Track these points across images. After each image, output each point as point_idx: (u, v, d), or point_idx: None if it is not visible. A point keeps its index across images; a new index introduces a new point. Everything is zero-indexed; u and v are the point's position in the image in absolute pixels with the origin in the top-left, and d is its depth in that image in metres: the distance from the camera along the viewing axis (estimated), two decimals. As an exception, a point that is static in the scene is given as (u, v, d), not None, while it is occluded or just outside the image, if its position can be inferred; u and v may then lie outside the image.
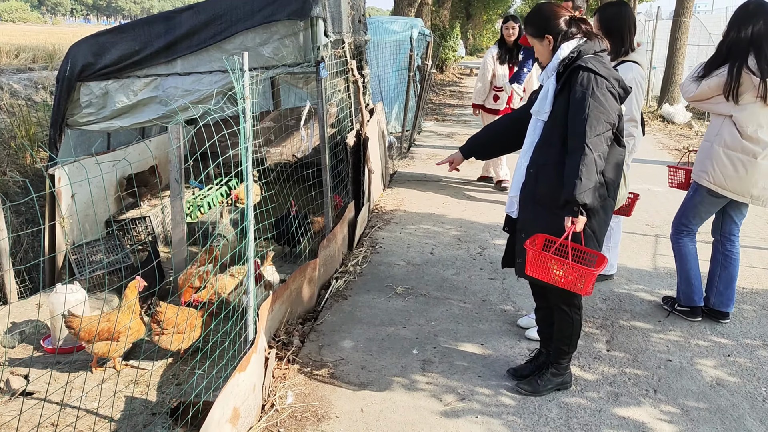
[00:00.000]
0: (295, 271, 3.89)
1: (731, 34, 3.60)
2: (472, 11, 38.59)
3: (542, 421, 2.96)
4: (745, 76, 3.52)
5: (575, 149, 2.67)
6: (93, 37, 4.44)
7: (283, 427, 2.88)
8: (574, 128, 2.69)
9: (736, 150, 3.64)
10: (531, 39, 2.95)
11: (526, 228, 2.91)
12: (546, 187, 2.82)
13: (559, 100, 2.79)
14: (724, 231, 3.95)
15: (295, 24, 4.29)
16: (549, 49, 2.89)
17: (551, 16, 2.87)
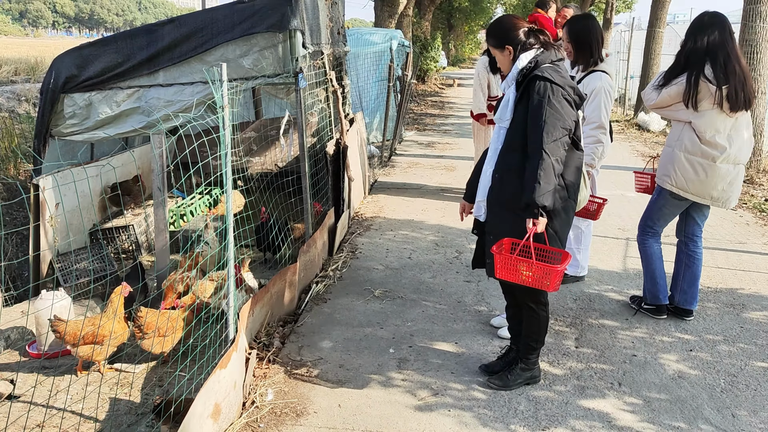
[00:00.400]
0: (276, 275, 4.02)
1: (688, 44, 3.79)
2: (454, 22, 39.04)
3: (512, 413, 3.10)
4: (703, 84, 3.70)
5: (534, 154, 2.83)
6: (76, 50, 4.55)
7: (263, 423, 3.00)
8: (533, 135, 2.85)
9: (696, 154, 3.82)
10: (493, 50, 3.11)
11: (495, 230, 3.05)
12: (510, 191, 2.95)
13: (519, 108, 2.94)
14: (687, 232, 4.13)
15: (274, 36, 4.43)
16: (509, 59, 3.04)
17: (511, 28, 3.03)
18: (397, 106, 10.12)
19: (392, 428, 2.97)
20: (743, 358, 3.67)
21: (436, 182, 8.07)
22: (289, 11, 4.37)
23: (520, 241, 2.88)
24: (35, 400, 3.34)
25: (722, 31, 3.70)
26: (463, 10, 36.53)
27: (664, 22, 13.67)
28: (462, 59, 46.19)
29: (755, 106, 8.06)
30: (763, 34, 7.93)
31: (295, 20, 4.39)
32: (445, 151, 10.44)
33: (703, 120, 3.77)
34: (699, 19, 3.79)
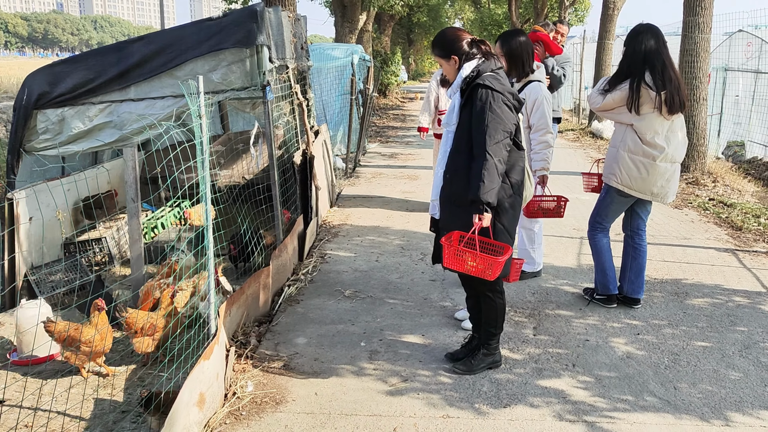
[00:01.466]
0: (250, 277, 4.21)
1: (628, 52, 4.14)
2: (413, 37, 39.66)
3: (476, 394, 3.36)
4: (644, 90, 4.04)
5: (478, 156, 3.10)
6: (48, 68, 4.70)
7: (245, 411, 3.19)
8: (477, 138, 3.12)
9: (638, 154, 4.15)
10: (438, 59, 3.37)
11: (447, 226, 3.31)
12: (459, 189, 3.21)
13: (463, 113, 3.22)
14: (632, 227, 4.46)
15: (241, 51, 4.65)
16: (455, 68, 3.30)
17: (455, 39, 3.30)
18: (360, 118, 10.40)
19: (366, 411, 3.20)
20: (685, 339, 4.00)
21: (400, 191, 8.35)
22: (255, 27, 4.60)
23: (467, 234, 3.12)
24: (21, 403, 3.47)
25: (657, 40, 4.05)
26: (422, 26, 37.17)
27: (613, 34, 14.28)
28: (422, 74, 46.86)
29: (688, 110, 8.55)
30: (701, 44, 8.44)
31: (261, 36, 4.62)
32: (407, 161, 10.74)
33: (644, 123, 4.10)
34: (635, 30, 4.14)
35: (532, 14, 28.17)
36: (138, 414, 3.33)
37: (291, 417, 3.15)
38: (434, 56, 3.42)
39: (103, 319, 3.74)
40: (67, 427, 3.22)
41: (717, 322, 4.25)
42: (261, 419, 3.13)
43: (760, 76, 11.92)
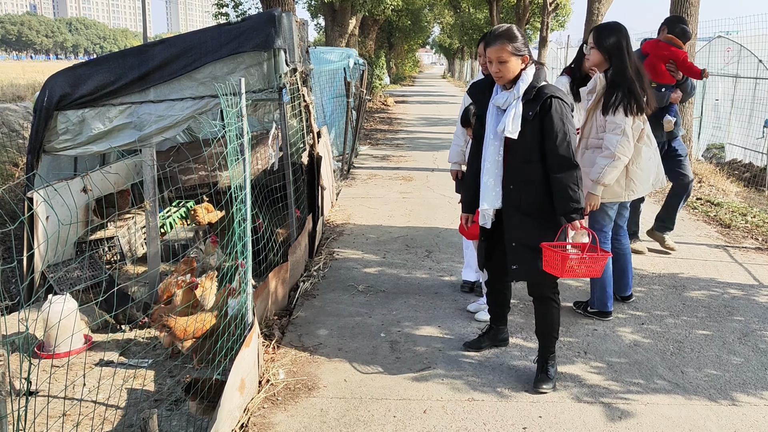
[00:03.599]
0: (270, 273, 4.37)
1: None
2: (394, 41, 39.90)
3: (497, 379, 3.55)
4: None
5: (565, 166, 3.14)
6: (70, 70, 4.82)
7: (280, 396, 3.35)
8: (560, 149, 3.13)
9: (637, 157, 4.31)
10: (505, 54, 3.10)
11: (519, 236, 3.29)
12: (533, 200, 3.23)
13: (533, 122, 3.14)
14: (613, 231, 4.52)
15: (259, 55, 4.81)
16: (518, 69, 3.16)
17: (524, 38, 3.18)
18: (354, 121, 10.57)
19: (395, 395, 3.38)
20: (687, 328, 4.24)
21: (397, 191, 8.54)
22: (273, 32, 4.77)
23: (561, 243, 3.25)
24: (56, 394, 3.59)
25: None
26: (403, 30, 37.47)
27: (597, 39, 14.60)
28: (403, 77, 47.18)
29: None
30: (688, 49, 8.74)
31: (278, 40, 4.79)
32: (400, 163, 10.94)
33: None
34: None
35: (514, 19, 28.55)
36: (172, 402, 3.47)
37: (325, 401, 3.32)
38: (498, 50, 3.12)
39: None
40: (103, 415, 3.35)
41: (715, 312, 4.50)
42: (297, 404, 3.30)
43: (738, 80, 12.34)
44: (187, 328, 3.66)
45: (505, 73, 3.15)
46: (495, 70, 3.17)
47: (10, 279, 5.59)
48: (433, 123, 17.65)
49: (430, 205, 7.70)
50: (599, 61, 4.04)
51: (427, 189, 8.69)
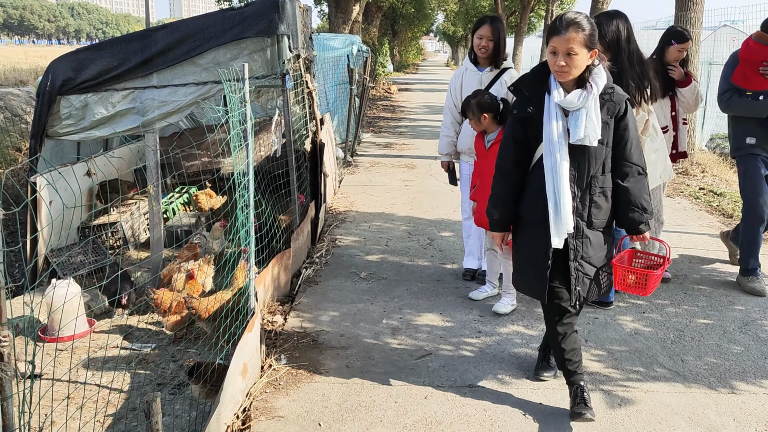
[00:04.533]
0: (273, 258, 4.38)
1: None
2: (398, 28, 39.78)
3: (498, 366, 3.57)
4: None
5: (641, 174, 2.90)
6: (73, 54, 4.81)
7: (282, 381, 3.38)
8: (636, 157, 2.88)
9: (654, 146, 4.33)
10: (579, 46, 2.68)
11: (590, 254, 2.93)
12: (603, 214, 2.92)
13: (608, 126, 2.83)
14: None
15: (262, 40, 4.80)
16: (586, 64, 2.75)
17: (595, 30, 2.76)
18: (357, 109, 10.55)
19: (396, 381, 3.40)
20: (688, 317, 4.25)
21: (400, 179, 8.54)
22: (277, 17, 4.75)
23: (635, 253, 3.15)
24: (59, 377, 3.62)
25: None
26: (406, 17, 37.33)
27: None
28: (406, 65, 47.02)
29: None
30: (692, 38, 8.70)
31: (282, 25, 4.77)
32: (403, 151, 10.93)
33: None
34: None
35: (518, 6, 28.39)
36: (175, 386, 3.50)
37: (327, 386, 3.34)
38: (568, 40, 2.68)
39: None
40: (107, 398, 3.38)
41: (716, 301, 4.51)
42: (299, 389, 3.32)
43: (744, 70, 12.25)
44: (209, 309, 3.70)
45: (572, 68, 2.71)
46: (560, 63, 2.70)
47: (13, 263, 5.62)
48: (436, 111, 17.60)
49: (433, 193, 7.71)
50: (600, 51, 4.02)
51: (430, 177, 8.69)
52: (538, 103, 2.85)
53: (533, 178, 2.95)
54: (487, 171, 4.07)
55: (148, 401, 2.43)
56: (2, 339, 1.50)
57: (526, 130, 2.93)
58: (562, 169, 2.80)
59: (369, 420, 3.05)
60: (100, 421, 3.11)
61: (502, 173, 3.07)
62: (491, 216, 3.14)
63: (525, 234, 3.05)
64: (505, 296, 4.31)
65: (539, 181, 2.87)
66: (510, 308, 4.27)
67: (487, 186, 4.05)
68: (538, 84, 2.87)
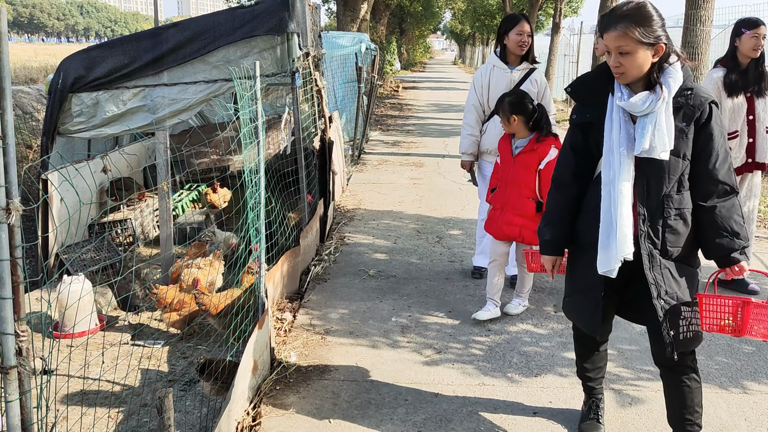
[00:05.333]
0: (282, 256, 4.39)
1: None
2: (405, 27, 39.73)
3: (507, 365, 3.57)
4: None
5: (730, 192, 2.41)
6: (84, 52, 4.83)
7: (292, 379, 3.39)
8: (724, 173, 2.40)
9: None
10: (633, 44, 2.28)
11: (674, 289, 2.45)
12: (679, 238, 2.44)
13: (684, 135, 2.38)
14: None
15: (272, 39, 4.80)
16: (650, 62, 2.34)
17: (659, 19, 2.32)
18: (365, 107, 10.56)
19: (406, 379, 3.40)
20: (698, 317, 4.23)
21: (408, 177, 8.54)
22: (287, 16, 4.76)
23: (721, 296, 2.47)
24: (70, 374, 3.64)
25: None
26: (414, 15, 37.27)
27: (611, 26, 14.47)
28: (413, 63, 46.99)
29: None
30: (703, 36, 8.68)
31: (292, 23, 4.78)
32: (411, 149, 10.93)
33: None
34: None
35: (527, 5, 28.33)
36: (186, 383, 3.52)
37: (336, 384, 3.35)
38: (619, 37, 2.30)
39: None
40: (118, 394, 3.39)
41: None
42: (308, 386, 3.33)
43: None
44: (219, 305, 3.71)
45: (629, 69, 2.33)
46: (614, 64, 2.34)
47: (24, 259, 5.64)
48: (444, 109, 17.60)
49: (441, 192, 7.70)
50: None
51: (438, 175, 8.69)
52: (600, 108, 2.49)
53: (591, 194, 2.59)
54: (510, 178, 4.02)
55: (160, 397, 2.44)
56: (21, 334, 1.51)
57: (586, 139, 2.58)
58: (621, 185, 2.40)
59: (379, 417, 3.06)
60: (112, 416, 3.13)
61: (557, 187, 2.71)
62: (542, 236, 2.78)
63: (579, 257, 2.68)
64: (516, 298, 4.29)
65: (597, 198, 2.51)
66: (522, 309, 4.26)
67: (510, 195, 4.01)
68: (601, 85, 2.50)
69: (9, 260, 1.58)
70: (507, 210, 4.01)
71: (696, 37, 8.63)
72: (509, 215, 4.00)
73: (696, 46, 8.64)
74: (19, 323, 1.54)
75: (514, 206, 3.99)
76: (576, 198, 2.65)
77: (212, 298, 3.76)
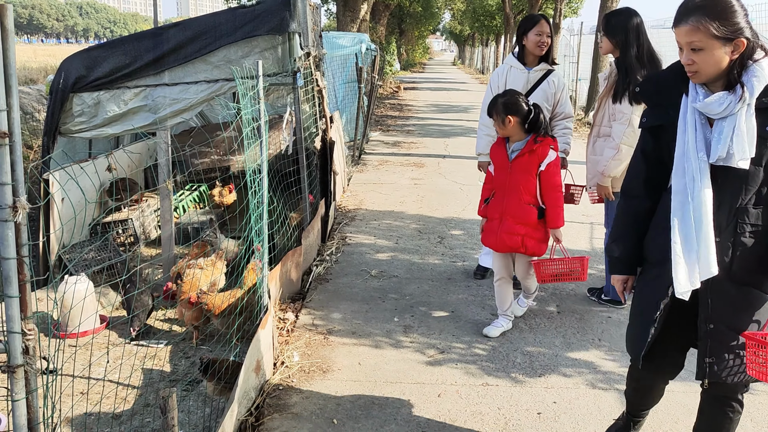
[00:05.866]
0: (284, 255, 4.38)
1: None
2: (405, 27, 39.73)
3: (511, 365, 3.56)
4: None
5: None
6: (85, 52, 4.83)
7: (295, 379, 3.38)
8: None
9: None
10: (707, 39, 2.02)
11: (725, 316, 2.20)
12: (751, 259, 2.16)
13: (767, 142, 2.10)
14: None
15: (273, 38, 4.80)
16: (728, 59, 2.06)
17: (739, 11, 2.03)
18: (366, 107, 10.55)
19: (409, 379, 3.39)
20: (701, 316, 4.22)
21: (409, 178, 8.53)
22: (288, 15, 4.75)
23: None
24: (74, 373, 3.63)
25: None
26: (414, 16, 37.26)
27: (611, 26, 14.48)
28: (413, 64, 46.99)
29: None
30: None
31: (293, 23, 4.78)
32: (411, 149, 10.92)
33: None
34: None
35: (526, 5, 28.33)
36: (188, 383, 3.51)
37: (339, 384, 3.34)
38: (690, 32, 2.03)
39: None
40: (121, 394, 3.39)
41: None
42: (311, 386, 3.32)
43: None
44: (222, 305, 3.70)
45: (703, 67, 2.07)
46: (687, 61, 2.10)
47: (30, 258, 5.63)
48: (443, 110, 17.59)
49: (442, 192, 7.70)
50: (610, 48, 4.02)
51: (439, 176, 8.68)
52: (673, 110, 2.22)
53: (662, 205, 2.34)
54: (509, 185, 3.75)
55: (164, 397, 2.43)
56: (28, 332, 1.51)
57: (658, 144, 2.32)
58: (703, 194, 2.11)
59: (383, 418, 3.05)
60: (115, 416, 3.12)
61: (627, 198, 2.44)
62: (611, 253, 2.51)
63: (643, 276, 2.43)
64: (522, 299, 4.13)
65: (668, 209, 2.22)
66: (525, 309, 4.14)
67: (509, 203, 3.72)
68: (674, 84, 2.24)
69: (15, 258, 1.57)
70: (507, 219, 3.74)
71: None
72: (510, 224, 3.72)
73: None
74: (26, 322, 1.53)
75: (515, 214, 3.72)
76: (648, 210, 2.39)
77: (215, 299, 3.75)
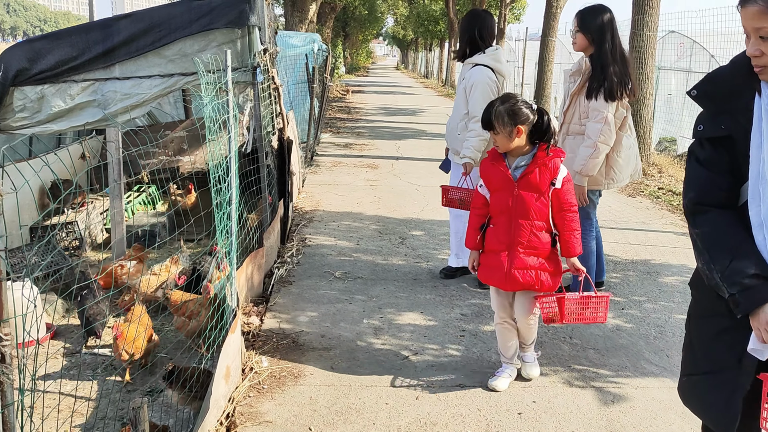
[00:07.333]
0: (246, 258, 4.20)
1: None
2: (349, 30, 39.67)
3: (486, 365, 3.49)
4: None
5: None
6: (27, 43, 4.52)
7: (266, 385, 3.21)
8: None
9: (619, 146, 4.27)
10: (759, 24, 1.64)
11: None
12: None
13: None
14: None
15: (232, 32, 4.61)
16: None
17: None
18: (318, 107, 10.39)
19: (385, 382, 3.28)
20: (666, 313, 4.27)
21: (364, 179, 8.42)
22: (248, 8, 4.57)
23: None
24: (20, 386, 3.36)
25: None
26: (358, 19, 37.23)
27: (556, 31, 14.77)
28: (357, 67, 46.92)
29: (638, 104, 9.02)
30: (649, 41, 8.90)
31: (253, 16, 4.60)
32: (363, 151, 10.81)
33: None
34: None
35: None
36: (147, 392, 3.29)
37: (313, 389, 3.19)
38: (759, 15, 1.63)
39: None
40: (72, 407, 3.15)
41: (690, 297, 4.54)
42: (284, 392, 3.16)
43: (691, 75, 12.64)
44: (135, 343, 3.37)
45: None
46: (753, 52, 1.70)
47: None
48: (392, 113, 17.58)
49: (399, 193, 7.61)
50: (585, 44, 4.02)
51: (394, 177, 8.60)
52: (742, 115, 1.78)
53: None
54: (515, 211, 3.03)
55: (134, 408, 2.24)
56: (4, 337, 1.32)
57: (720, 157, 1.85)
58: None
59: (361, 423, 2.92)
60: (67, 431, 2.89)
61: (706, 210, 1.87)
62: (739, 277, 1.75)
63: (704, 321, 2.00)
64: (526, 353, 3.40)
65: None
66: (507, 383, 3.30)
67: (519, 231, 3.03)
68: (741, 84, 1.80)
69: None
70: (516, 252, 3.04)
71: (642, 41, 8.84)
72: (522, 258, 3.03)
73: (643, 50, 8.85)
74: (2, 326, 1.34)
75: (528, 245, 3.04)
76: (736, 218, 1.82)
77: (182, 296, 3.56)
